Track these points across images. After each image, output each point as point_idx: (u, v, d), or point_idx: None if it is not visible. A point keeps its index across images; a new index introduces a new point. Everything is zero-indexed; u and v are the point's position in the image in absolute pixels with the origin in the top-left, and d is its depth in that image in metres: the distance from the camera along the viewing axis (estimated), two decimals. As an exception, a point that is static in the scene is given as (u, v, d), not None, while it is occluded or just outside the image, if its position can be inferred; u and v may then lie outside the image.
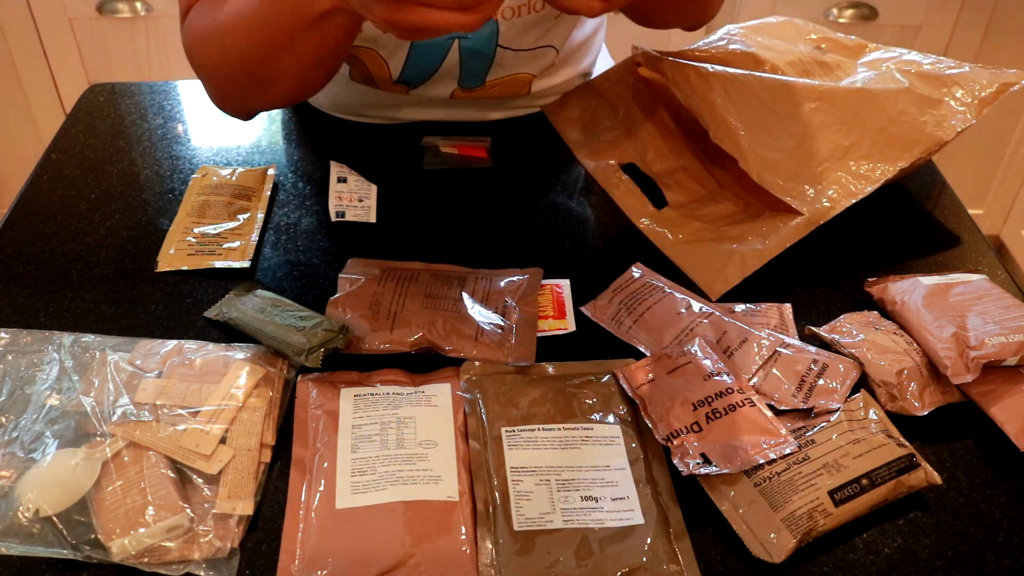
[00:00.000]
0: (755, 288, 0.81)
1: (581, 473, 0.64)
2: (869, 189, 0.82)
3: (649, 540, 0.60)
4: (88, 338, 0.73)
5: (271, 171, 0.95)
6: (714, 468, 0.62)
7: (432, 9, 0.57)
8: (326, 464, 0.65)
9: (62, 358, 0.71)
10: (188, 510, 0.60)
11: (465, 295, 0.77)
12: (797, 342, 0.73)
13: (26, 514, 0.60)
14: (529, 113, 1.04)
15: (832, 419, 0.66)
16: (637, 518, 0.62)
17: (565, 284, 0.82)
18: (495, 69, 0.95)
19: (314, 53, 0.74)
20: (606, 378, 0.71)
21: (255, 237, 0.86)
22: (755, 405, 0.67)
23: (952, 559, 0.61)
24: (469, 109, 1.02)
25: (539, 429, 0.67)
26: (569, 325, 0.78)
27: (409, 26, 0.58)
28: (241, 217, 0.88)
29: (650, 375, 0.69)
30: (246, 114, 0.87)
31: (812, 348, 0.72)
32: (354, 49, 0.91)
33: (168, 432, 0.65)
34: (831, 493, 0.61)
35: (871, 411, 0.67)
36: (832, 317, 0.77)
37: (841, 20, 1.85)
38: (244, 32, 0.74)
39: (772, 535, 0.60)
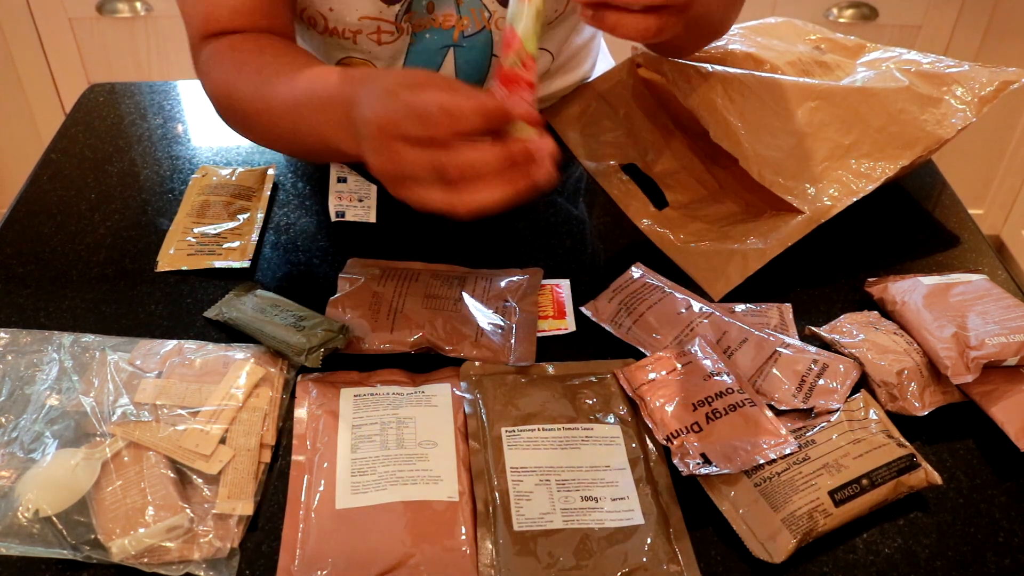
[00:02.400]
0: (755, 288, 0.80)
1: (581, 473, 0.64)
2: (870, 187, 0.82)
3: (649, 540, 0.60)
4: (88, 338, 0.73)
5: (271, 171, 0.94)
6: (714, 468, 0.62)
7: (425, 190, 0.56)
8: (326, 464, 0.65)
9: (62, 358, 0.71)
10: (188, 510, 0.60)
11: (465, 295, 0.77)
12: (797, 342, 0.73)
13: (26, 514, 0.60)
14: None
15: (832, 419, 0.66)
16: (637, 518, 0.61)
17: (565, 284, 0.82)
18: (491, 78, 0.95)
19: (329, 158, 0.77)
20: (606, 378, 0.71)
21: (255, 237, 0.86)
22: (755, 405, 0.67)
23: (952, 559, 0.61)
24: None
25: (539, 429, 0.67)
26: (569, 325, 0.78)
27: (409, 203, 0.57)
28: (241, 217, 0.88)
29: (650, 375, 0.69)
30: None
31: (812, 348, 0.72)
32: (350, 61, 0.91)
33: (168, 432, 0.64)
34: (831, 493, 0.61)
35: (871, 411, 0.67)
36: (832, 317, 0.77)
37: (841, 20, 1.85)
38: (268, 126, 0.74)
39: (772, 535, 0.60)
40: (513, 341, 0.74)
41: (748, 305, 0.79)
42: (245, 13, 0.79)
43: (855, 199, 0.82)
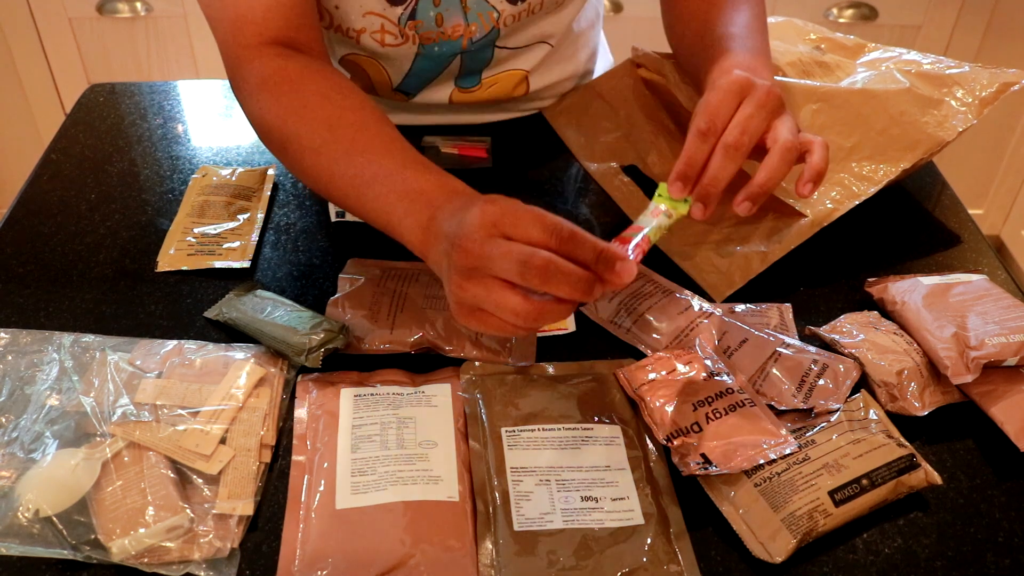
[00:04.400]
0: (756, 288, 0.80)
1: (581, 473, 0.64)
2: (872, 190, 0.82)
3: (649, 540, 0.60)
4: (88, 338, 0.73)
5: (271, 171, 0.94)
6: (714, 468, 0.62)
7: (494, 319, 0.56)
8: (326, 464, 0.65)
9: (62, 358, 0.71)
10: (188, 510, 0.60)
11: (465, 295, 0.77)
12: (797, 342, 0.73)
13: (26, 514, 0.60)
14: (529, 114, 1.04)
15: (832, 419, 0.66)
16: (637, 518, 0.62)
17: (565, 284, 0.81)
18: (491, 67, 0.95)
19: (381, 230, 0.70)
20: (606, 378, 0.71)
21: (255, 237, 0.86)
22: (755, 405, 0.67)
23: (952, 559, 0.61)
24: (468, 114, 1.02)
25: (539, 429, 0.67)
26: (569, 325, 0.78)
27: (474, 327, 0.58)
28: (241, 217, 0.88)
29: (650, 375, 0.69)
30: None
31: (812, 348, 0.72)
32: (357, 59, 0.91)
33: (168, 432, 0.65)
34: (831, 493, 0.61)
35: (871, 411, 0.67)
36: (832, 317, 0.77)
37: (841, 20, 1.85)
38: (329, 181, 0.70)
39: (772, 535, 0.60)
40: (513, 341, 0.74)
41: (748, 305, 0.79)
42: (280, 14, 0.74)
43: (857, 202, 0.82)
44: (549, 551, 0.59)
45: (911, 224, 0.91)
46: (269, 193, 0.91)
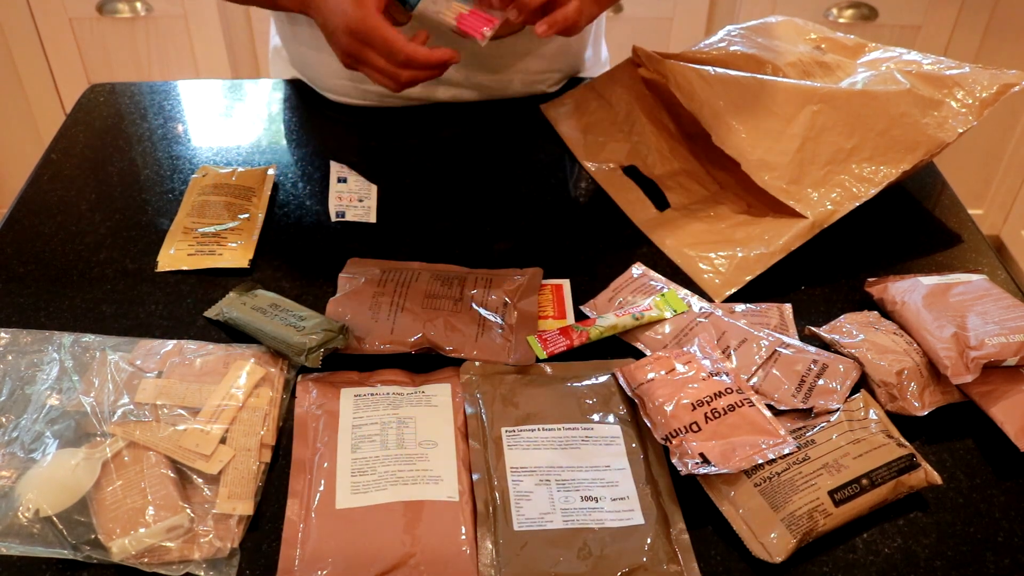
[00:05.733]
0: (755, 288, 0.81)
1: (581, 473, 0.64)
2: (872, 192, 0.82)
3: (649, 540, 0.60)
4: (88, 338, 0.73)
5: (271, 171, 0.95)
6: (712, 468, 0.62)
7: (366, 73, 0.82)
8: (326, 464, 0.65)
9: (62, 358, 0.71)
10: (188, 510, 0.60)
11: (465, 295, 0.77)
12: (797, 342, 0.73)
13: (26, 514, 0.60)
14: (531, 95, 1.02)
15: (832, 419, 0.66)
16: (637, 518, 0.62)
17: (565, 284, 0.82)
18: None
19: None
20: (606, 378, 0.71)
21: (255, 237, 0.86)
22: (754, 405, 0.67)
23: (952, 559, 0.61)
24: (476, 68, 1.00)
25: (539, 429, 0.67)
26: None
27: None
28: (241, 217, 0.88)
29: (649, 375, 0.69)
30: None
31: (812, 348, 0.72)
32: None
33: (168, 432, 0.65)
34: (831, 493, 0.61)
35: (871, 411, 0.67)
36: (832, 317, 0.77)
37: (841, 20, 1.85)
38: None
39: (772, 535, 0.60)
40: (513, 341, 0.74)
41: (748, 305, 0.79)
42: None
43: (857, 204, 0.82)
44: (549, 551, 0.59)
45: (911, 224, 0.91)
46: (269, 193, 0.91)
